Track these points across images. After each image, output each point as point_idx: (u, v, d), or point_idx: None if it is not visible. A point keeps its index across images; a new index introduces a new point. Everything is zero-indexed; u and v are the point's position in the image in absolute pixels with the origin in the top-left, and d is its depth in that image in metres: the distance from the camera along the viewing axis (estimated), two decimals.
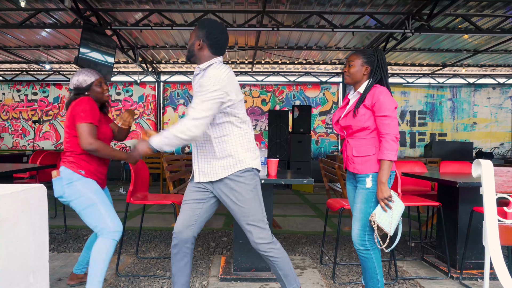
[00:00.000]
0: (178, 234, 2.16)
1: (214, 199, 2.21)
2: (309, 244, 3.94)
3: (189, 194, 2.21)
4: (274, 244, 2.13)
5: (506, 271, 2.01)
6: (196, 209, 2.18)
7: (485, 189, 2.12)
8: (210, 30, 2.11)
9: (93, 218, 2.31)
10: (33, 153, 4.75)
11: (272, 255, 2.12)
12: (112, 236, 2.30)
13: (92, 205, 2.30)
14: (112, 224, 2.31)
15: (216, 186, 2.14)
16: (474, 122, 10.86)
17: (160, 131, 2.04)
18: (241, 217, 2.11)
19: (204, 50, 2.11)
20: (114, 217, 2.35)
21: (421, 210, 5.25)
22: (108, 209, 2.35)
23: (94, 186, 2.37)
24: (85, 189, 2.32)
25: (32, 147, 10.65)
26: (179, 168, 5.37)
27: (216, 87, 1.97)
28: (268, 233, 2.13)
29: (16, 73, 10.46)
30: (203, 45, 2.10)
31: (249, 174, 2.10)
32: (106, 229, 2.29)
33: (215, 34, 2.11)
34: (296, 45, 8.02)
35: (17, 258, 1.49)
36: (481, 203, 2.15)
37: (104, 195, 2.40)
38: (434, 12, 5.59)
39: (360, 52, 2.30)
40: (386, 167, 2.11)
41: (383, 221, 2.12)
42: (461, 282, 2.90)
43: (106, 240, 2.29)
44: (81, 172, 2.34)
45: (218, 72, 2.02)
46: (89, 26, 5.91)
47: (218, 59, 2.14)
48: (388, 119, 2.12)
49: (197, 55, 2.14)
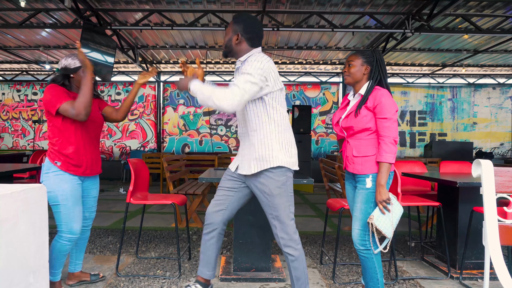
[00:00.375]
0: (210, 215, 2.33)
1: (247, 190, 2.31)
2: (309, 244, 3.94)
3: (224, 181, 2.35)
4: (294, 243, 2.16)
5: (506, 271, 2.01)
6: (228, 196, 2.32)
7: (485, 189, 2.12)
8: (248, 24, 2.17)
9: (55, 216, 2.41)
10: (33, 153, 4.75)
11: (289, 252, 2.16)
12: (63, 240, 2.42)
13: (56, 205, 2.39)
14: (65, 228, 2.41)
15: (249, 178, 2.21)
16: (474, 122, 10.86)
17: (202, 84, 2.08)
18: (267, 210, 2.19)
19: (242, 44, 2.17)
20: (71, 221, 2.41)
21: (421, 210, 5.25)
22: (68, 213, 2.40)
23: (65, 185, 2.39)
24: (56, 186, 2.37)
25: (32, 147, 10.65)
26: (179, 168, 5.38)
27: (257, 71, 2.01)
28: (291, 230, 2.16)
29: (16, 73, 10.46)
30: (242, 39, 2.16)
31: (280, 171, 2.13)
32: (60, 232, 2.43)
33: (253, 27, 2.17)
34: (296, 45, 8.02)
35: (17, 258, 1.49)
36: (481, 203, 2.15)
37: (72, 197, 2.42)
38: (434, 12, 5.59)
39: (359, 52, 2.32)
40: (384, 170, 2.12)
41: (381, 223, 2.13)
42: (461, 282, 2.90)
43: (57, 240, 2.43)
44: (57, 163, 2.39)
45: (258, 58, 2.07)
46: (89, 26, 5.91)
47: (257, 50, 2.19)
48: (388, 121, 2.13)
49: (235, 50, 2.20)
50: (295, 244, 2.16)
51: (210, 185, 5.28)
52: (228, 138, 10.67)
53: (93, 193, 2.67)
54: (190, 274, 3.01)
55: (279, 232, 2.15)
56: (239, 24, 2.17)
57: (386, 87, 2.25)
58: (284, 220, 2.14)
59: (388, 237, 2.15)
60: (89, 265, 3.19)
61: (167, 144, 10.74)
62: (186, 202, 3.31)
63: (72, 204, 2.42)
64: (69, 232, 2.42)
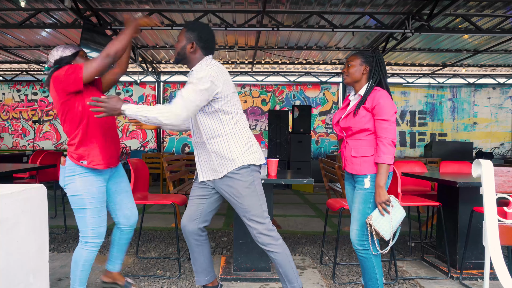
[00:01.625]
0: (184, 228, 2.32)
1: (217, 195, 2.32)
2: (309, 244, 3.94)
3: (194, 190, 2.35)
4: (273, 239, 2.17)
5: (506, 271, 2.01)
6: (199, 204, 2.32)
7: (485, 189, 2.11)
8: (202, 32, 2.15)
9: (79, 221, 2.26)
10: (33, 153, 4.75)
11: (271, 249, 2.16)
12: (89, 247, 2.25)
13: (82, 210, 2.23)
14: (92, 234, 2.25)
15: (217, 183, 2.23)
16: (475, 122, 10.86)
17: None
18: (240, 212, 2.20)
19: (196, 53, 2.16)
20: (98, 225, 2.26)
21: (421, 210, 5.25)
22: (96, 217, 2.25)
23: (93, 188, 2.24)
24: (83, 189, 2.21)
25: (32, 147, 10.65)
26: (179, 168, 5.37)
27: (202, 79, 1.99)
28: (267, 227, 2.17)
29: (16, 73, 10.46)
30: (196, 47, 2.14)
31: (245, 171, 2.15)
32: (85, 238, 2.26)
33: (207, 35, 2.16)
34: (296, 45, 8.02)
35: (17, 258, 1.49)
36: (481, 203, 2.15)
37: (100, 199, 2.27)
38: (434, 12, 5.59)
39: (359, 52, 2.34)
40: (383, 171, 2.12)
41: (379, 225, 2.13)
42: (461, 282, 2.90)
43: (82, 248, 2.26)
44: (83, 163, 2.20)
45: (203, 66, 2.07)
46: (89, 26, 5.91)
47: (208, 57, 2.19)
48: (387, 123, 2.13)
49: (188, 58, 2.17)
50: (274, 240, 2.16)
51: None
52: None
53: (123, 187, 2.49)
54: (190, 274, 3.01)
55: (255, 232, 2.16)
56: (193, 32, 2.14)
57: (386, 87, 2.25)
58: (258, 220, 2.15)
59: (386, 239, 2.15)
60: None
61: (167, 144, 10.75)
62: (186, 202, 3.31)
63: (100, 207, 2.28)
64: (98, 237, 2.26)
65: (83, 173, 2.22)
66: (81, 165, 2.21)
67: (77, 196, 2.21)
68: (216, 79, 2.04)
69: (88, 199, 2.22)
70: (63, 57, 2.27)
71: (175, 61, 2.24)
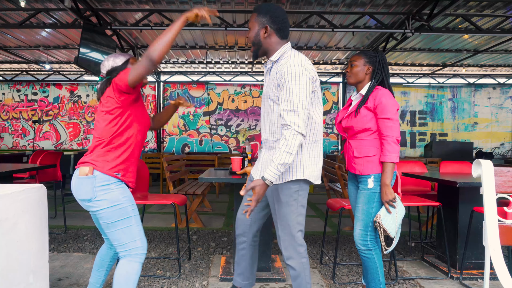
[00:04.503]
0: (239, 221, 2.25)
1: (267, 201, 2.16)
2: (309, 244, 3.94)
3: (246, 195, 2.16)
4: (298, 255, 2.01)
5: (506, 271, 2.01)
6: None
7: (485, 189, 2.11)
8: (274, 13, 1.93)
9: (124, 234, 1.98)
10: (33, 153, 4.74)
11: (292, 264, 2.01)
12: (140, 258, 2.00)
13: (127, 219, 1.98)
14: (141, 243, 2.01)
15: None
16: (475, 122, 10.86)
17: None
18: (274, 217, 2.06)
19: (272, 37, 1.94)
20: (143, 234, 2.06)
21: (421, 210, 5.25)
22: (140, 225, 2.05)
23: (130, 194, 2.06)
24: (123, 198, 1.99)
25: (32, 147, 10.65)
26: (179, 168, 5.38)
27: (303, 76, 1.80)
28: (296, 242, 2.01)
29: (16, 73, 10.45)
30: (271, 32, 1.93)
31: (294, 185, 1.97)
32: (135, 250, 1.99)
33: (281, 16, 1.94)
34: (296, 45, 8.02)
35: (17, 258, 1.49)
36: (481, 203, 2.15)
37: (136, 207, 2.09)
38: (434, 12, 5.59)
39: (362, 52, 2.32)
40: (389, 169, 2.12)
41: (387, 223, 2.14)
42: (461, 282, 2.90)
43: (134, 261, 1.98)
44: (117, 175, 2.00)
45: (296, 59, 1.85)
46: (89, 26, 5.91)
47: (287, 46, 1.97)
48: (390, 121, 2.13)
49: (264, 45, 1.96)
50: (299, 257, 2.00)
51: (210, 185, 5.28)
52: (228, 138, 10.67)
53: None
54: (190, 274, 3.01)
55: (283, 242, 2.01)
56: (265, 15, 1.92)
57: (388, 87, 2.25)
58: (290, 231, 1.99)
59: (391, 236, 2.16)
60: (89, 265, 3.18)
61: (167, 144, 10.74)
62: (186, 202, 3.31)
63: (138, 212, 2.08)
64: (145, 247, 2.03)
65: (117, 181, 2.01)
66: (115, 177, 2.00)
67: (118, 206, 1.97)
68: (311, 73, 1.85)
69: (130, 207, 2.01)
70: (115, 67, 2.15)
71: (253, 55, 2.03)
